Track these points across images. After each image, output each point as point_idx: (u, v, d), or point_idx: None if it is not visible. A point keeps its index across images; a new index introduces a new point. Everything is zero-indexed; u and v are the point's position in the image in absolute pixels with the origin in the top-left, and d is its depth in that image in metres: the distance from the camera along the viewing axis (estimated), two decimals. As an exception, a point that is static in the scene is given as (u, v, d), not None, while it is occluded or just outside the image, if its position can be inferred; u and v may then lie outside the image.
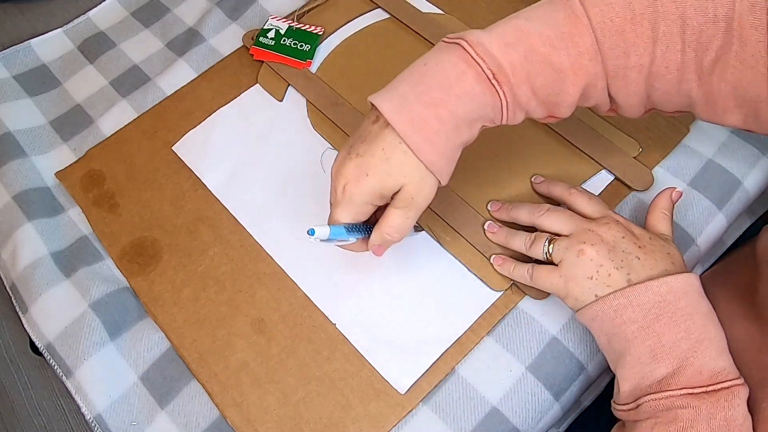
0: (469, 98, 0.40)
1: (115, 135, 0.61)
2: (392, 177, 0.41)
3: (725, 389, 0.39)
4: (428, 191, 0.42)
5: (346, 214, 0.43)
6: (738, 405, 0.38)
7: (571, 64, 0.41)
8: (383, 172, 0.41)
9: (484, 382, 0.47)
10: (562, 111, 0.44)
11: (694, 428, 0.38)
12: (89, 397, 0.48)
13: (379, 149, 0.41)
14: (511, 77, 0.41)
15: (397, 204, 0.42)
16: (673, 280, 0.41)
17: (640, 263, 0.42)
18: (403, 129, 0.40)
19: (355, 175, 0.41)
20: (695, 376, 0.39)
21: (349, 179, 0.41)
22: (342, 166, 0.42)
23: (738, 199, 0.54)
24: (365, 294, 0.51)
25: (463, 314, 0.49)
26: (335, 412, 0.47)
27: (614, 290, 0.42)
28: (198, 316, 0.51)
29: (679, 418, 0.38)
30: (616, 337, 0.42)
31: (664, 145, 0.56)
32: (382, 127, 0.41)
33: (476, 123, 0.42)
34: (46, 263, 0.53)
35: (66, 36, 0.69)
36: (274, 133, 0.59)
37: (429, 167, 0.41)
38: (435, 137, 0.40)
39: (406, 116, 0.40)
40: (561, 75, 0.42)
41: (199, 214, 0.56)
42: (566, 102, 0.43)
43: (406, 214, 0.43)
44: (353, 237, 0.44)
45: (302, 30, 0.65)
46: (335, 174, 0.43)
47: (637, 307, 0.41)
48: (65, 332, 0.50)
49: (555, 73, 0.41)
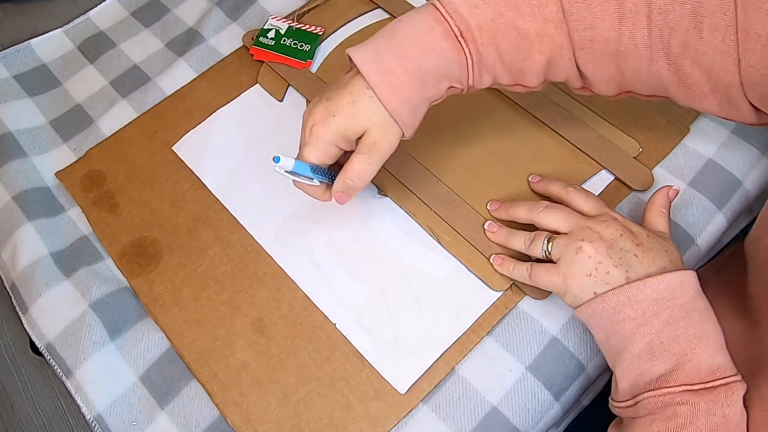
0: (435, 53, 0.43)
1: (115, 135, 0.61)
2: (357, 120, 0.43)
3: (723, 386, 0.39)
4: (391, 139, 0.44)
5: (312, 152, 0.44)
6: (736, 402, 0.38)
7: (537, 31, 0.43)
8: (349, 114, 0.43)
9: (484, 382, 0.47)
10: (529, 80, 0.46)
11: (693, 424, 0.38)
12: (89, 397, 0.48)
13: (348, 93, 0.43)
14: (477, 37, 0.43)
15: (361, 149, 0.44)
16: (671, 277, 0.41)
17: (638, 260, 0.42)
18: (372, 77, 0.42)
19: (322, 117, 0.44)
20: (694, 372, 0.39)
21: (316, 120, 0.44)
22: (313, 108, 0.45)
23: (738, 199, 0.54)
24: (365, 294, 0.51)
25: (463, 314, 0.49)
26: (335, 412, 0.47)
27: (613, 287, 0.42)
28: (198, 316, 0.51)
29: (677, 414, 0.39)
30: (614, 334, 0.42)
31: (664, 145, 0.56)
32: (353, 75, 0.44)
33: (442, 80, 0.44)
34: (46, 263, 0.53)
35: (66, 36, 0.69)
36: (274, 133, 0.59)
37: (392, 115, 0.43)
38: (401, 87, 0.43)
39: (375, 66, 0.42)
40: (527, 41, 0.43)
41: (199, 214, 0.56)
42: (532, 69, 0.45)
43: (369, 160, 0.44)
44: (317, 179, 0.46)
45: (302, 30, 0.65)
46: (306, 116, 0.45)
47: (635, 304, 0.41)
48: (65, 332, 0.50)
49: (521, 38, 0.43)
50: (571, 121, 0.57)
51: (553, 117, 0.57)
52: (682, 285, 0.41)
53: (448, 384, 0.48)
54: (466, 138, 0.57)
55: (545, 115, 0.57)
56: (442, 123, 0.58)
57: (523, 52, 0.44)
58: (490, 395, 0.47)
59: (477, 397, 0.47)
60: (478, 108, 0.59)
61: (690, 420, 0.38)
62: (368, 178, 0.45)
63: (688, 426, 0.38)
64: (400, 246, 0.53)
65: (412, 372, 0.48)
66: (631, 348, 0.41)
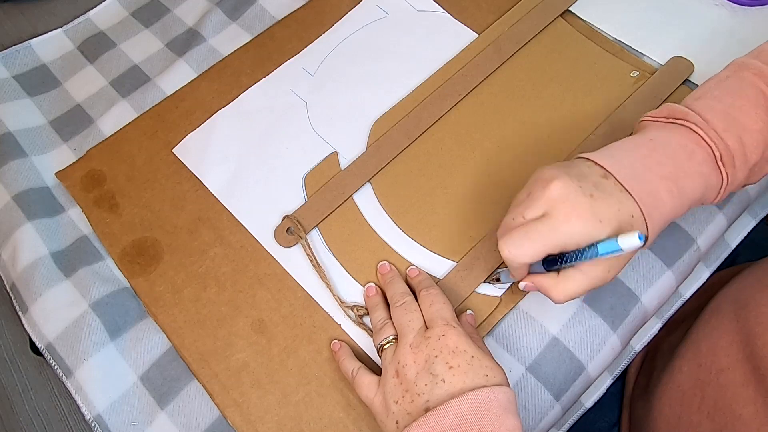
0: (698, 176, 0.41)
1: (115, 135, 0.61)
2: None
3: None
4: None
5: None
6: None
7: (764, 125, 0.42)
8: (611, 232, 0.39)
9: (485, 383, 0.47)
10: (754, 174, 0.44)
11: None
12: (89, 398, 0.48)
13: (616, 204, 0.39)
14: (734, 159, 0.41)
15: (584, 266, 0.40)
16: (472, 396, 0.38)
17: (446, 385, 0.39)
18: (641, 198, 0.39)
19: (586, 215, 0.38)
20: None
21: (580, 214, 0.38)
22: (570, 193, 0.39)
23: (738, 199, 0.54)
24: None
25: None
26: (335, 412, 0.47)
27: (414, 419, 0.39)
28: (198, 317, 0.51)
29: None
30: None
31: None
32: (620, 190, 0.39)
33: (694, 204, 0.42)
34: (46, 263, 0.53)
35: (66, 36, 0.69)
36: (274, 134, 0.59)
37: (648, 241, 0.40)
38: (663, 209, 0.40)
39: (643, 186, 0.39)
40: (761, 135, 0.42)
41: (199, 215, 0.56)
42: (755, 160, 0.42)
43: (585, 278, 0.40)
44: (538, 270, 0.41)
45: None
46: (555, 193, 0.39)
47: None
48: (65, 332, 0.50)
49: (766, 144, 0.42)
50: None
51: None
52: (487, 403, 0.38)
53: (448, 384, 0.48)
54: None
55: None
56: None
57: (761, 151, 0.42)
58: (490, 395, 0.47)
59: (477, 398, 0.47)
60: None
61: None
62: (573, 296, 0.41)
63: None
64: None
65: (413, 372, 0.48)
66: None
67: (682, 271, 0.52)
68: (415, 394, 0.40)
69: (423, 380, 0.40)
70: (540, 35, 0.63)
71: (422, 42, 0.64)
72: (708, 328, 0.51)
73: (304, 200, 0.55)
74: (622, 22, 0.63)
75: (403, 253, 0.52)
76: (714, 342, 0.49)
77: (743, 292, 0.50)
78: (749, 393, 0.43)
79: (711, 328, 0.50)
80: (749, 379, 0.43)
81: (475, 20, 0.65)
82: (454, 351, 0.41)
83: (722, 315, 0.50)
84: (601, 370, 0.50)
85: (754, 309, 0.46)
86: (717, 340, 0.48)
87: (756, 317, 0.45)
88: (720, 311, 0.50)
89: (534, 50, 0.62)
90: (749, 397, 0.43)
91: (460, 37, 0.64)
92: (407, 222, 0.54)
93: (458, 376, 0.40)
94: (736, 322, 0.47)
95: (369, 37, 0.65)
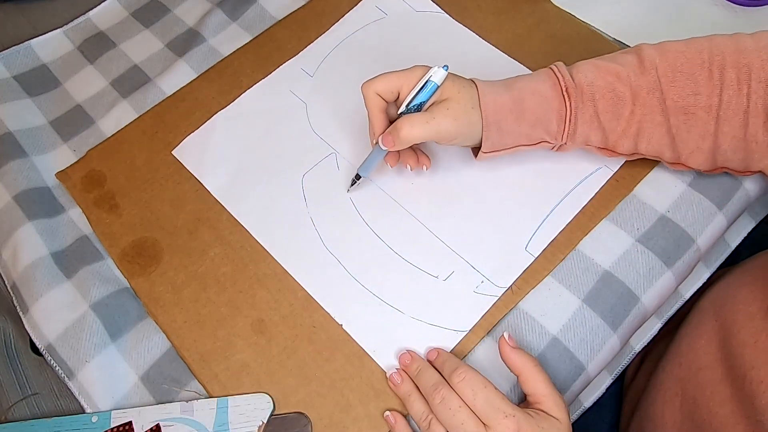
0: (540, 96, 0.47)
1: (115, 135, 0.61)
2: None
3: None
4: (460, 123, 0.47)
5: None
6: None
7: (632, 95, 0.46)
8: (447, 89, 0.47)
9: (485, 383, 0.47)
10: (620, 144, 0.48)
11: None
12: (93, 399, 0.48)
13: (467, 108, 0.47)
14: (579, 94, 0.47)
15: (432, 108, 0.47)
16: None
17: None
18: (482, 87, 0.47)
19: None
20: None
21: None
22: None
23: (738, 199, 0.54)
24: (371, 296, 0.51)
25: (464, 314, 0.49)
26: (335, 412, 0.47)
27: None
28: (199, 317, 0.51)
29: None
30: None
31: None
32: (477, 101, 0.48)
33: (537, 126, 0.48)
34: (47, 263, 0.53)
35: (66, 36, 0.69)
36: (273, 135, 0.60)
37: (483, 113, 0.47)
38: (500, 101, 0.47)
39: (489, 88, 0.48)
40: (621, 101, 0.46)
41: (199, 215, 0.56)
42: (625, 133, 0.47)
43: (427, 120, 0.47)
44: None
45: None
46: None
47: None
48: (66, 333, 0.50)
49: (616, 99, 0.46)
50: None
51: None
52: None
53: (448, 384, 0.48)
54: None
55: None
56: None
57: (617, 112, 0.47)
58: (490, 396, 0.47)
59: (477, 398, 0.47)
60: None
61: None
62: (415, 139, 0.47)
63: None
64: (400, 246, 0.53)
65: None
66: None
67: (682, 271, 0.52)
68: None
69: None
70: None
71: (421, 42, 0.64)
72: (689, 327, 0.51)
73: (304, 200, 0.55)
74: (622, 23, 0.63)
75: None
76: (694, 340, 0.49)
77: (723, 291, 0.50)
78: (726, 391, 0.43)
79: (692, 327, 0.50)
80: (726, 378, 0.43)
81: (475, 21, 0.65)
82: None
83: (703, 314, 0.50)
84: (600, 370, 0.50)
85: (731, 308, 0.46)
86: (697, 339, 0.48)
87: (732, 315, 0.45)
88: (701, 310, 0.51)
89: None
90: (726, 395, 0.43)
91: (459, 37, 0.64)
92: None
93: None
94: (715, 321, 0.47)
95: (368, 37, 0.65)
